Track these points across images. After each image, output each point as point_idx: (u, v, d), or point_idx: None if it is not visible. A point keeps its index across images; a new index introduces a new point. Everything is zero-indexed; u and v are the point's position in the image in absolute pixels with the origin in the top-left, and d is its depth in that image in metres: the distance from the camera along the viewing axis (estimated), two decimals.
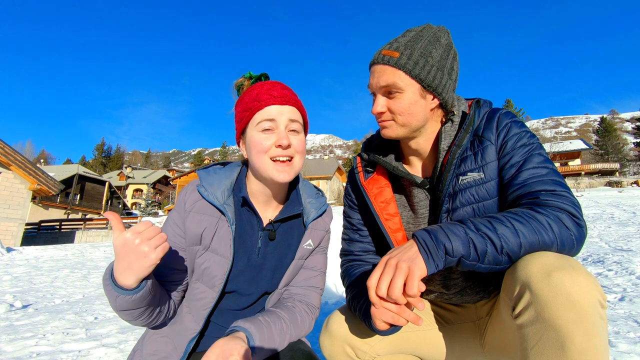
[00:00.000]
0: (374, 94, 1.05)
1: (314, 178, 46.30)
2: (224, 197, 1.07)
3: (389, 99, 1.02)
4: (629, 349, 1.89)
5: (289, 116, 1.04)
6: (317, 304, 1.17)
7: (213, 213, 1.06)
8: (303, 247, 1.13)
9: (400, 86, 0.99)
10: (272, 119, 1.02)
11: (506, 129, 1.01)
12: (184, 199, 1.08)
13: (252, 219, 1.11)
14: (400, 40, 1.02)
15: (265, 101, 1.03)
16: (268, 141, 1.02)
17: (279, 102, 1.03)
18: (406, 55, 0.98)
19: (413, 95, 1.00)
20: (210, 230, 1.05)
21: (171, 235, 1.07)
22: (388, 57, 0.99)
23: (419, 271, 0.78)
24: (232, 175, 1.13)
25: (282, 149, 1.01)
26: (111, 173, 69.67)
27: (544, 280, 0.71)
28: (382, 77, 1.00)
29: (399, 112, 1.01)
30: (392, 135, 1.06)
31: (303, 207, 1.15)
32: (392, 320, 0.83)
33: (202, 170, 1.13)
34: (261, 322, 0.97)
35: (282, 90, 1.06)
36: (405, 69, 0.98)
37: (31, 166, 15.90)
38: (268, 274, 1.11)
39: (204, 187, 1.07)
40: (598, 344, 0.66)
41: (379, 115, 1.05)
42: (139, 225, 0.86)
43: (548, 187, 0.89)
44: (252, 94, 1.05)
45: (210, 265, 1.04)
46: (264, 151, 1.02)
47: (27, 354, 2.27)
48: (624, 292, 3.09)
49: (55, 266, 7.87)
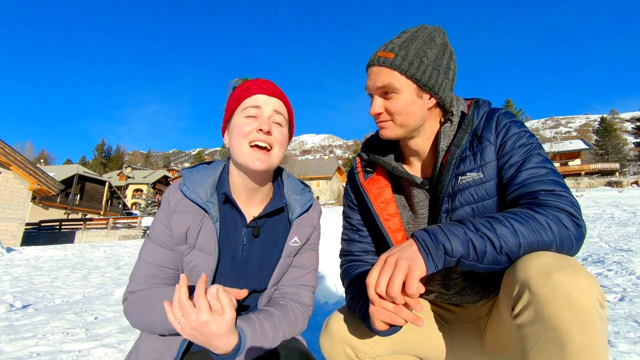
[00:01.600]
0: (371, 95, 1.06)
1: (314, 178, 46.28)
2: (207, 194, 1.07)
3: (386, 100, 1.03)
4: (629, 349, 1.89)
5: (274, 107, 1.07)
6: (310, 302, 1.17)
7: (196, 211, 1.06)
8: (289, 245, 1.13)
9: (397, 86, 0.99)
10: (258, 106, 1.05)
11: (505, 129, 1.01)
12: (167, 199, 1.09)
13: (236, 215, 1.11)
14: (395, 41, 1.03)
15: (253, 90, 1.07)
16: (249, 126, 1.03)
17: (266, 93, 1.07)
18: (401, 56, 0.99)
19: (409, 95, 1.01)
20: (195, 228, 1.05)
21: (160, 235, 1.07)
22: (383, 59, 1.00)
23: (418, 270, 0.78)
24: (215, 173, 1.14)
25: (262, 134, 1.02)
26: (111, 173, 69.67)
27: (543, 280, 0.71)
28: (379, 78, 1.01)
29: (397, 112, 1.02)
30: (391, 136, 1.07)
31: (286, 202, 1.15)
32: (391, 320, 0.83)
33: (186, 169, 1.14)
34: (253, 320, 0.97)
35: (272, 85, 1.10)
36: (401, 69, 0.98)
37: (31, 166, 15.90)
38: (254, 271, 1.10)
39: (186, 186, 1.07)
40: (597, 343, 0.66)
41: (376, 116, 1.06)
42: (183, 319, 0.81)
43: (547, 187, 0.89)
44: (242, 86, 1.10)
45: (197, 264, 1.05)
46: (244, 135, 1.03)
47: (27, 354, 2.26)
48: (624, 292, 3.09)
49: (55, 266, 7.87)
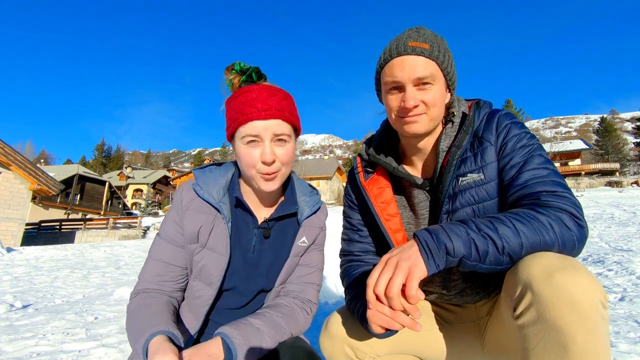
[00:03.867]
0: (402, 87, 1.00)
1: (314, 178, 46.28)
2: (220, 195, 1.08)
3: (420, 92, 0.99)
4: (629, 349, 1.89)
5: (274, 131, 1.00)
6: (314, 298, 1.17)
7: (209, 211, 1.07)
8: (298, 245, 1.14)
9: (435, 77, 0.98)
10: (257, 135, 0.99)
11: (506, 130, 1.01)
12: (180, 198, 1.09)
13: (247, 217, 1.12)
14: (422, 33, 1.00)
15: (248, 115, 0.99)
16: (253, 155, 1.00)
17: (263, 117, 0.98)
18: (436, 48, 0.98)
19: (442, 87, 1.01)
20: (207, 228, 1.06)
21: (171, 234, 1.08)
22: (421, 49, 0.97)
23: (418, 272, 0.77)
24: (227, 175, 1.14)
25: (267, 166, 1.01)
26: (111, 173, 69.67)
27: (545, 280, 0.70)
28: (417, 67, 0.97)
29: (432, 104, 0.99)
30: (422, 131, 1.02)
31: (297, 206, 1.16)
32: (387, 324, 0.82)
33: (198, 169, 1.14)
34: (242, 323, 0.97)
35: (267, 100, 1.00)
36: (438, 60, 0.98)
37: (31, 166, 15.90)
38: (263, 271, 1.12)
39: (199, 186, 1.08)
40: (600, 344, 0.66)
41: (411, 109, 0.98)
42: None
43: (549, 188, 0.89)
44: (237, 102, 1.02)
45: (207, 263, 1.05)
46: (250, 165, 1.01)
47: (27, 354, 2.26)
48: (624, 292, 3.09)
49: (56, 266, 7.87)
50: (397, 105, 1.01)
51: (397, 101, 1.01)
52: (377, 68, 1.07)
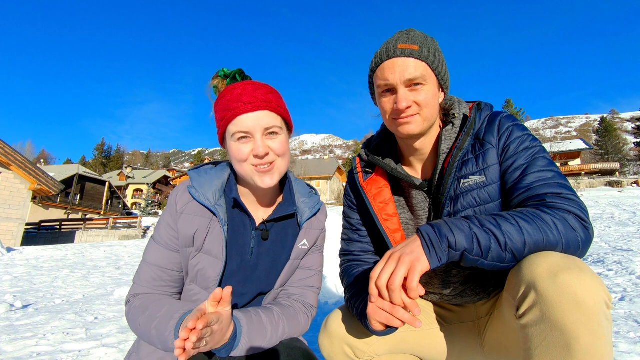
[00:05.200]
0: (394, 89, 1.01)
1: (314, 178, 46.29)
2: (216, 198, 1.06)
3: (412, 93, 0.99)
4: (629, 349, 1.89)
5: (264, 124, 0.99)
6: (314, 303, 1.17)
7: (205, 214, 1.05)
8: (298, 247, 1.13)
9: (427, 78, 0.99)
10: (246, 131, 0.98)
11: (508, 133, 1.01)
12: (175, 201, 1.07)
13: (245, 219, 1.10)
14: (412, 34, 1.02)
15: (235, 110, 0.97)
16: (245, 150, 0.99)
17: (250, 110, 0.97)
18: (426, 49, 0.99)
19: (434, 87, 1.01)
20: (203, 231, 1.04)
21: (166, 237, 1.06)
22: (410, 51, 0.98)
23: (420, 265, 0.77)
24: (223, 176, 1.12)
25: (260, 159, 0.99)
26: (111, 173, 69.66)
27: (550, 280, 0.70)
28: (407, 69, 0.98)
29: (425, 104, 1.00)
30: (416, 131, 1.03)
31: (297, 207, 1.14)
32: (387, 321, 0.82)
33: (193, 170, 1.12)
34: (250, 312, 0.98)
35: (253, 93, 0.99)
36: (428, 60, 0.99)
37: (31, 166, 15.91)
38: (262, 274, 1.10)
39: (194, 189, 1.05)
40: (603, 344, 0.66)
41: (403, 110, 1.00)
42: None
43: (554, 190, 0.88)
44: (223, 101, 1.01)
45: (203, 267, 1.04)
46: (243, 160, 1.00)
47: (27, 354, 2.26)
48: (624, 292, 3.09)
49: (56, 266, 7.87)
50: (391, 107, 1.02)
51: (391, 103, 1.02)
52: (370, 72, 1.09)
